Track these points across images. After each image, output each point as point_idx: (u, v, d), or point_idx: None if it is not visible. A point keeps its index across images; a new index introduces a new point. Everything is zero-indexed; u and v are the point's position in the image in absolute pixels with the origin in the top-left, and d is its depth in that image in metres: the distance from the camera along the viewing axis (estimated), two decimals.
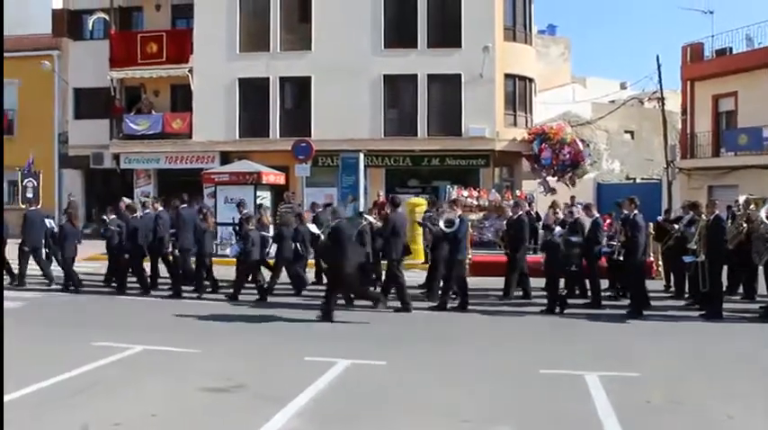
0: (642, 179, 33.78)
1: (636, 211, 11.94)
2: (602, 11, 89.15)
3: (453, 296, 12.29)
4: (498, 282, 13.68)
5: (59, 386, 7.18)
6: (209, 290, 13.84)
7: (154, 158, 27.01)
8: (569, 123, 28.20)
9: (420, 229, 18.76)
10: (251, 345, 9.43)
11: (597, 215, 12.54)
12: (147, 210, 15.40)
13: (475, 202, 22.48)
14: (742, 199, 13.05)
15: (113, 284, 14.61)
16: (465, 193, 22.00)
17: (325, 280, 13.53)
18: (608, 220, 16.04)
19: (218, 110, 26.21)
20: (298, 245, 13.66)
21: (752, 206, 12.41)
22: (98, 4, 27.05)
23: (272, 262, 14.14)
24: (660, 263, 15.12)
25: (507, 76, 26.02)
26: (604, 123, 35.18)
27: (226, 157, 25.81)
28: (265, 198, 20.74)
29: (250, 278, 13.65)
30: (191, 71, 26.20)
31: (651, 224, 14.89)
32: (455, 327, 10.90)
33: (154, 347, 8.97)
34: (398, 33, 25.73)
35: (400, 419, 6.27)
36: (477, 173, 25.77)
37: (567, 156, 25.21)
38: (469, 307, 12.06)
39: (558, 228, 12.41)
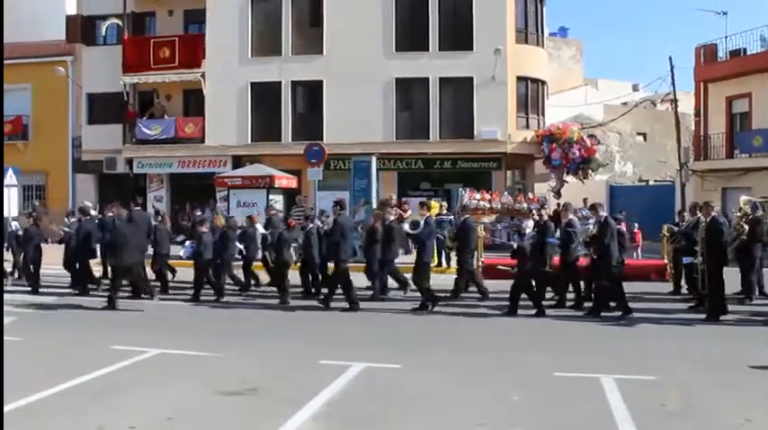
0: (655, 181, 33.63)
1: (604, 215, 12.16)
2: (614, 12, 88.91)
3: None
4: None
5: (77, 389, 7.23)
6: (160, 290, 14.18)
7: (166, 163, 27.13)
8: (581, 125, 28.11)
9: None
10: (265, 349, 9.45)
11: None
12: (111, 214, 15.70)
13: (487, 205, 22.45)
14: (743, 200, 13.09)
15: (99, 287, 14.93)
16: (477, 196, 21.96)
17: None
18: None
19: (231, 114, 26.31)
20: (243, 246, 14.43)
21: (758, 211, 12.45)
22: (111, 9, 27.21)
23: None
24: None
25: (519, 78, 25.97)
26: (617, 125, 35.06)
27: (238, 161, 25.89)
28: (278, 202, 20.84)
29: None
30: (203, 76, 26.33)
31: (665, 226, 14.89)
32: (467, 330, 10.88)
33: (170, 351, 9.01)
34: (410, 37, 25.75)
35: (416, 422, 6.26)
36: (489, 175, 25.72)
37: (577, 154, 25.12)
38: (481, 309, 12.05)
39: (528, 231, 12.57)
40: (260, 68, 26.11)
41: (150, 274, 14.61)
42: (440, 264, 18.51)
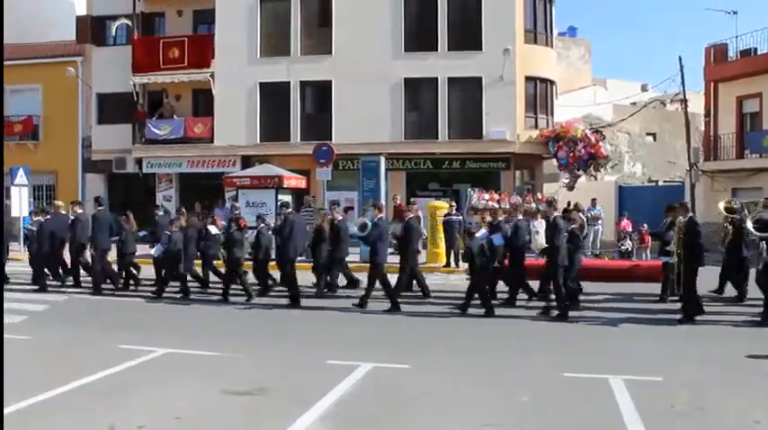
0: (665, 182, 33.47)
1: (555, 214, 12.50)
2: (623, 12, 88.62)
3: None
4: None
5: (86, 388, 7.26)
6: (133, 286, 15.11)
7: (176, 162, 27.22)
8: (590, 124, 28.00)
9: (442, 232, 18.86)
10: (273, 349, 9.47)
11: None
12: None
13: (496, 205, 22.38)
14: (721, 204, 13.16)
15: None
16: (486, 196, 21.93)
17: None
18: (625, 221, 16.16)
19: (240, 114, 26.37)
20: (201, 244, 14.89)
21: (744, 211, 12.48)
22: (121, 10, 27.32)
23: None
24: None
25: (528, 78, 25.91)
26: (626, 126, 34.93)
27: (247, 161, 25.94)
28: (287, 201, 20.85)
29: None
30: (212, 76, 26.40)
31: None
32: (469, 331, 10.87)
33: (177, 350, 9.04)
34: (419, 37, 25.72)
35: (424, 422, 6.26)
36: (497, 175, 25.68)
37: (583, 151, 25.03)
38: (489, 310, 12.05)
39: (481, 232, 12.79)
40: (269, 69, 26.15)
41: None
42: (448, 264, 18.54)
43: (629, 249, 20.57)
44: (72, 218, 15.49)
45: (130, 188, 28.45)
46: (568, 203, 24.23)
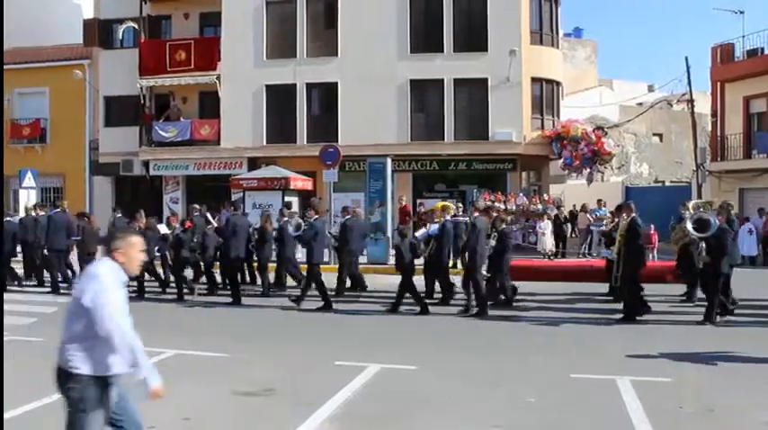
0: (671, 182, 33.42)
1: (476, 214, 13.09)
2: (629, 13, 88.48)
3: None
4: (530, 286, 13.68)
5: None
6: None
7: (183, 165, 27.30)
8: (596, 125, 27.94)
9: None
10: (280, 350, 9.50)
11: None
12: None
13: (502, 206, 22.41)
14: (691, 203, 13.24)
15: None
16: (492, 198, 21.96)
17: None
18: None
19: (246, 116, 26.44)
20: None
21: (700, 209, 12.59)
22: (128, 13, 27.45)
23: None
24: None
25: (534, 79, 25.90)
26: (632, 126, 34.89)
27: (253, 163, 26.00)
28: (293, 203, 20.92)
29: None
30: (218, 78, 26.47)
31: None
32: (471, 332, 10.87)
33: (186, 352, 9.08)
34: (424, 38, 25.75)
35: (432, 424, 6.28)
36: (504, 177, 25.68)
37: (586, 149, 25.01)
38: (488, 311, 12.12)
39: (421, 232, 13.35)
40: (275, 71, 26.21)
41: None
42: (455, 265, 18.51)
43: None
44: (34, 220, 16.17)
45: (137, 190, 28.55)
46: (574, 206, 24.43)
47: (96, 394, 4.20)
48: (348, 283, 14.89)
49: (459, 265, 18.03)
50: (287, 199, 20.23)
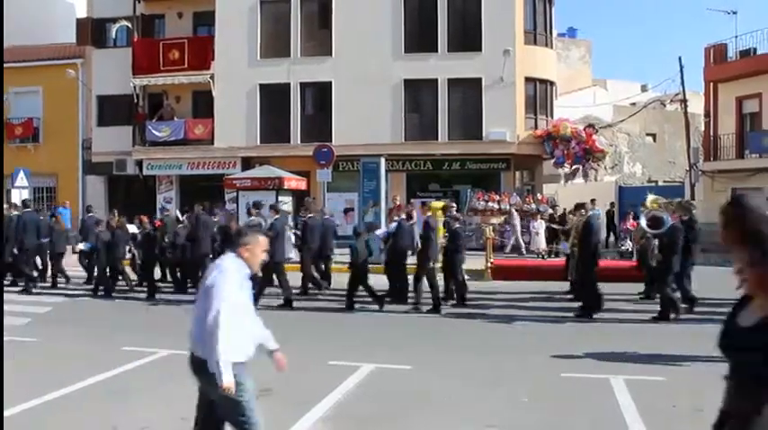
0: (664, 182, 33.53)
1: (428, 214, 13.47)
2: (623, 13, 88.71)
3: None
4: (521, 286, 13.73)
5: (90, 389, 7.30)
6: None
7: (176, 164, 27.24)
8: (589, 125, 28.00)
9: (442, 232, 18.85)
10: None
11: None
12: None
13: (496, 206, 22.48)
14: (650, 199, 13.39)
15: None
16: (486, 197, 22.03)
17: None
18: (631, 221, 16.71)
19: (240, 116, 26.40)
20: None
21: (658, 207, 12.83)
22: (121, 12, 27.37)
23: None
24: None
25: (528, 79, 25.93)
26: (626, 126, 34.99)
27: (247, 163, 25.97)
28: (287, 203, 20.91)
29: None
30: (212, 77, 26.43)
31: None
32: (464, 331, 10.90)
33: (180, 352, 9.01)
34: (419, 38, 25.76)
35: (426, 423, 6.29)
36: (497, 176, 25.71)
37: (577, 148, 25.09)
38: (486, 313, 12.15)
39: (381, 230, 13.87)
40: (269, 70, 26.18)
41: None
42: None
43: (629, 249, 20.62)
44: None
45: (131, 190, 28.49)
46: (564, 209, 24.45)
47: (239, 378, 4.37)
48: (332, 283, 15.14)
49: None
50: (256, 199, 20.29)
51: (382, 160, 20.37)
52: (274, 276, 13.41)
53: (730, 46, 26.38)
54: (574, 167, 25.99)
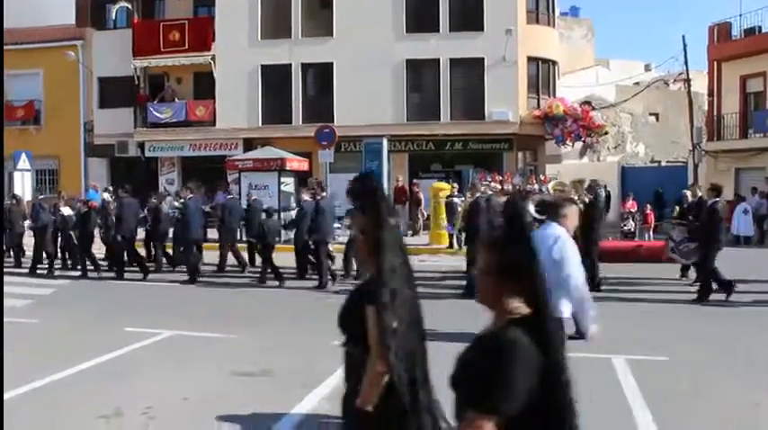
0: (667, 162, 33.40)
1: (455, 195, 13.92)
2: None
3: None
4: None
5: (93, 370, 7.34)
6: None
7: (178, 146, 27.20)
8: (591, 104, 27.85)
9: (444, 213, 18.86)
10: (276, 330, 9.52)
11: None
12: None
13: (498, 187, 22.38)
14: (551, 184, 13.41)
15: None
16: (488, 178, 21.92)
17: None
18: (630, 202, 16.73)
19: (241, 97, 26.30)
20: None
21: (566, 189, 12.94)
22: None
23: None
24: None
25: (530, 59, 25.78)
26: (629, 106, 34.77)
27: (249, 144, 25.91)
28: (289, 184, 20.90)
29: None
30: (213, 59, 26.29)
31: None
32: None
33: (182, 332, 9.10)
34: (420, 18, 25.57)
35: None
36: (500, 157, 25.64)
37: (574, 126, 25.02)
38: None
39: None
40: (270, 51, 26.04)
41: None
42: (451, 245, 18.56)
43: (632, 230, 20.62)
44: None
45: (133, 172, 28.45)
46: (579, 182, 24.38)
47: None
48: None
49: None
50: (282, 179, 20.29)
51: (384, 141, 20.32)
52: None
53: (735, 24, 26.20)
54: (583, 142, 25.92)
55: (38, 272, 15.38)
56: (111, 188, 19.81)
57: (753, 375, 7.12)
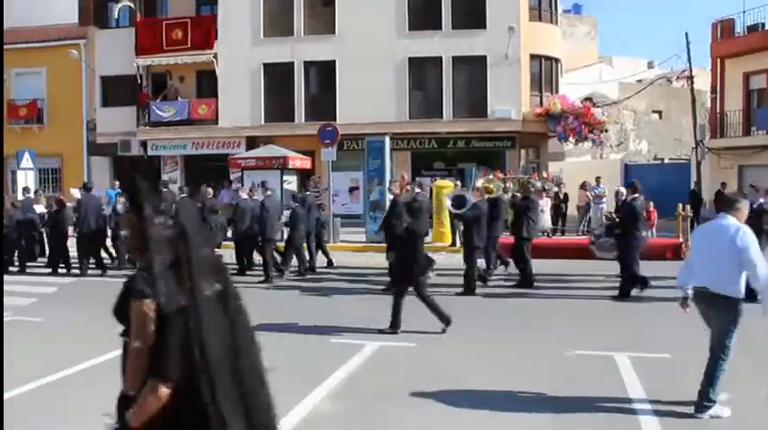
0: (671, 159, 33.37)
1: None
2: None
3: None
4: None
5: (95, 369, 7.34)
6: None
7: (180, 144, 27.24)
8: (593, 102, 27.79)
9: (446, 211, 18.83)
10: (276, 328, 9.49)
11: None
12: None
13: (501, 184, 22.37)
14: (480, 182, 13.65)
15: None
16: (491, 175, 21.91)
17: None
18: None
19: (244, 95, 26.32)
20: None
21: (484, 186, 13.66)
22: None
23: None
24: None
25: (533, 56, 25.77)
26: (632, 103, 34.75)
27: (252, 142, 25.94)
28: (291, 182, 20.92)
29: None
30: (215, 57, 26.32)
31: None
32: (472, 309, 10.91)
33: None
34: (423, 16, 25.57)
35: (433, 401, 6.30)
36: (503, 154, 25.64)
37: (575, 122, 24.99)
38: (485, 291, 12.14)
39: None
40: (272, 49, 26.06)
41: None
42: (454, 243, 18.55)
43: None
44: None
45: (135, 171, 28.44)
46: (584, 183, 24.39)
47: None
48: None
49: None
50: (285, 177, 20.33)
51: (387, 138, 20.32)
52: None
53: (738, 21, 26.09)
54: (590, 139, 25.89)
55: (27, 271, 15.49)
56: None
57: (760, 371, 7.09)
